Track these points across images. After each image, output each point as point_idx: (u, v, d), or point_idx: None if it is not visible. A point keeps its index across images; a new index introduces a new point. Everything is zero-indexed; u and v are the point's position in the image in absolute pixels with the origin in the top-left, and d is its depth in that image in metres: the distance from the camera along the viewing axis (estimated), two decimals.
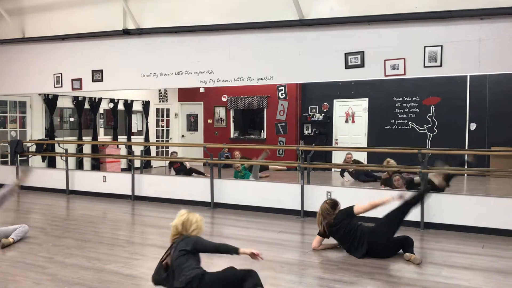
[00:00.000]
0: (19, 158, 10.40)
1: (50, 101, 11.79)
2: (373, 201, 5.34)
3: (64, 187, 9.76)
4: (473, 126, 11.81)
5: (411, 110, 12.56)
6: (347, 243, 5.24)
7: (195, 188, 8.63)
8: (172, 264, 3.69)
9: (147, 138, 14.51)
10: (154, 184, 9.11)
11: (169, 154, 11.25)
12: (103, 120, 13.55)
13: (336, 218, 5.30)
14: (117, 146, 13.08)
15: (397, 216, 5.25)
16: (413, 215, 6.55)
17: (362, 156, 12.06)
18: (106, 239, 6.03)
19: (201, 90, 14.52)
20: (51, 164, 11.63)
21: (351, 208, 5.36)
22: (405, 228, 6.46)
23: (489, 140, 11.34)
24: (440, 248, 5.39)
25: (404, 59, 6.61)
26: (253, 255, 3.69)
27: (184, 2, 8.13)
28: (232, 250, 3.70)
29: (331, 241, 5.48)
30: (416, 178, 7.75)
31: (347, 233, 5.22)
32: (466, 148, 11.61)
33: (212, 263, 4.39)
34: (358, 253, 5.15)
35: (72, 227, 6.65)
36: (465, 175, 11.18)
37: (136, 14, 8.42)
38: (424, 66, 6.51)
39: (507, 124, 11.25)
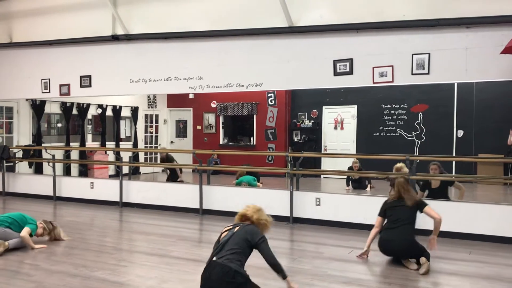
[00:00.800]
0: (5, 164, 10.28)
1: (37, 107, 11.69)
2: (438, 228, 5.24)
3: (51, 194, 9.66)
4: (460, 133, 11.94)
5: (399, 117, 12.67)
6: (390, 222, 5.26)
7: (183, 194, 8.59)
8: (228, 238, 3.68)
9: (135, 144, 14.43)
10: (142, 190, 9.05)
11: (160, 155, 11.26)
12: (91, 126, 13.46)
13: (408, 199, 5.29)
14: (105, 152, 12.99)
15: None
16: None
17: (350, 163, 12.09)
18: (93, 246, 5.97)
19: (191, 96, 14.51)
20: (38, 170, 11.51)
21: (425, 204, 5.28)
22: None
23: (476, 147, 11.47)
24: None
25: (392, 66, 6.68)
26: None
27: (173, 8, 8.14)
28: (282, 272, 3.73)
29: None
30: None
31: (400, 216, 5.21)
32: (454, 155, 11.73)
33: None
34: (388, 234, 5.20)
35: None
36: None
37: (125, 20, 8.41)
38: (412, 74, 6.58)
39: (494, 131, 11.39)
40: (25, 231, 5.73)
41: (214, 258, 3.60)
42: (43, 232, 6.03)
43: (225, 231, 3.80)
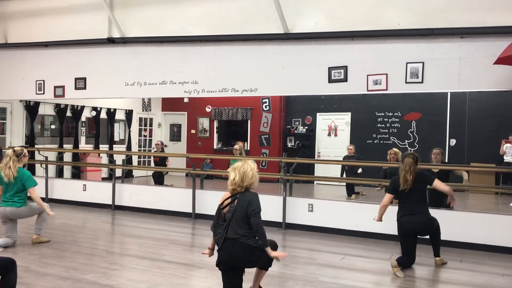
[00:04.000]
0: None
1: (31, 108, 11.63)
2: (452, 195, 5.45)
3: (44, 195, 9.59)
4: (453, 142, 12.00)
5: (393, 125, 12.73)
6: (406, 207, 5.25)
7: (176, 198, 8.58)
8: (232, 215, 3.82)
9: (129, 147, 14.39)
10: (135, 194, 9.03)
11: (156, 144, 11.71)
12: (85, 128, 13.41)
13: (419, 178, 5.24)
14: (99, 155, 12.95)
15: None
16: (393, 228, 6.62)
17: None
18: (84, 249, 5.94)
19: (185, 100, 14.51)
20: (31, 171, 11.27)
21: (433, 178, 5.33)
22: (386, 242, 6.54)
23: (468, 156, 11.53)
24: (419, 262, 5.44)
25: (386, 74, 6.71)
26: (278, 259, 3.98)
27: (169, 12, 8.15)
28: (264, 243, 3.81)
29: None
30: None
31: (412, 201, 5.22)
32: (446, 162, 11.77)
33: None
34: (410, 218, 5.21)
35: (50, 236, 6.53)
36: None
37: (121, 23, 8.41)
38: (406, 82, 6.62)
39: (486, 140, 11.47)
40: (41, 204, 6.04)
41: (228, 235, 3.79)
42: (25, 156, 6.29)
43: (226, 205, 3.90)
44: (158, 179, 10.82)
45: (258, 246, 3.82)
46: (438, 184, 5.29)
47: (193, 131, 15.22)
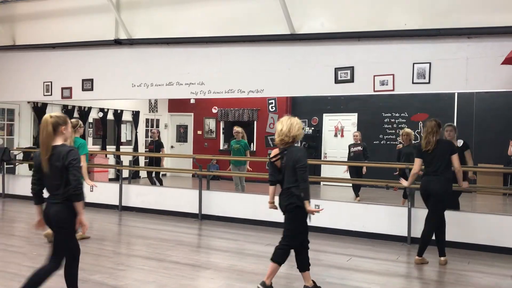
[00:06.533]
0: (5, 166, 10.29)
1: (39, 109, 11.72)
2: (460, 177, 5.71)
3: None
4: (460, 142, 11.92)
5: (400, 125, 12.68)
6: (428, 171, 5.48)
7: (183, 199, 8.59)
8: (284, 169, 4.24)
9: (136, 149, 14.45)
10: (141, 194, 9.05)
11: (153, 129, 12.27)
12: (92, 129, 13.48)
13: (443, 142, 5.53)
14: (106, 156, 13.01)
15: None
16: (400, 229, 6.61)
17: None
18: (91, 249, 5.96)
19: (192, 101, 14.55)
20: None
21: (456, 150, 5.55)
22: (392, 243, 6.52)
23: (475, 156, 11.45)
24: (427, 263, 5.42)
25: (393, 75, 6.69)
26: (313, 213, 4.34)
27: (176, 14, 8.17)
28: (305, 197, 4.22)
29: None
30: None
31: (435, 165, 5.42)
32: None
33: None
34: (428, 179, 5.44)
35: None
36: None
37: (128, 25, 8.44)
38: (413, 83, 6.59)
39: (493, 141, 11.40)
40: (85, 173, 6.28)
41: (284, 186, 4.30)
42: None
43: (276, 159, 4.29)
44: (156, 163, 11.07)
45: (301, 206, 4.21)
46: (455, 158, 5.46)
47: (199, 132, 15.25)
